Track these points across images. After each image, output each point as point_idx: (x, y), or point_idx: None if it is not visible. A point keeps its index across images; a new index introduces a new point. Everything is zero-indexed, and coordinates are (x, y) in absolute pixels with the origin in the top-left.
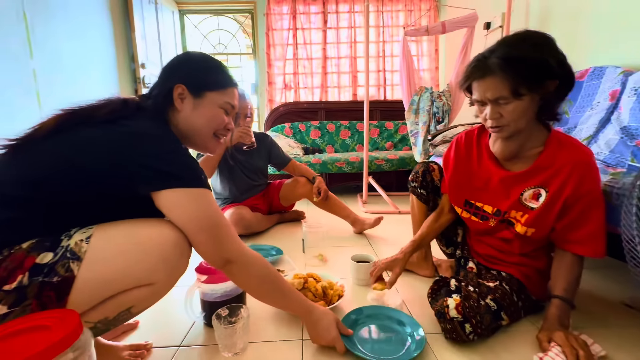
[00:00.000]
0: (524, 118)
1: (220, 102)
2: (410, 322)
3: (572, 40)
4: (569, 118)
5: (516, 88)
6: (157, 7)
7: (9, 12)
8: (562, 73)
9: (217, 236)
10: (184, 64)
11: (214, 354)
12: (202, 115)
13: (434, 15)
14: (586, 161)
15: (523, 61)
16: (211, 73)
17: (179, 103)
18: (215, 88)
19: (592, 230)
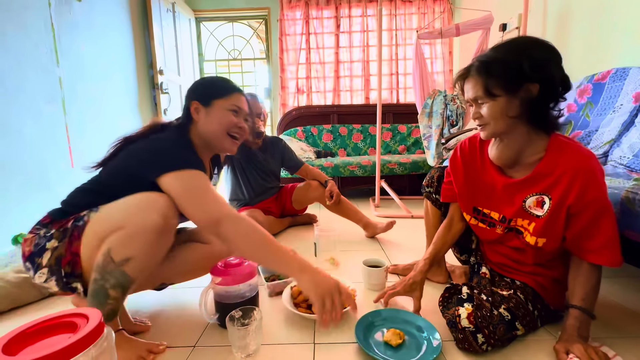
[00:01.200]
0: (501, 119)
1: (226, 106)
2: (427, 327)
3: (593, 40)
4: (590, 121)
5: (489, 88)
6: (174, 15)
7: (38, 24)
8: (539, 77)
9: (202, 199)
10: (196, 85)
11: (228, 355)
12: (214, 119)
13: (448, 18)
14: (588, 167)
15: (496, 63)
16: (215, 85)
17: (196, 115)
18: (220, 96)
19: (605, 239)
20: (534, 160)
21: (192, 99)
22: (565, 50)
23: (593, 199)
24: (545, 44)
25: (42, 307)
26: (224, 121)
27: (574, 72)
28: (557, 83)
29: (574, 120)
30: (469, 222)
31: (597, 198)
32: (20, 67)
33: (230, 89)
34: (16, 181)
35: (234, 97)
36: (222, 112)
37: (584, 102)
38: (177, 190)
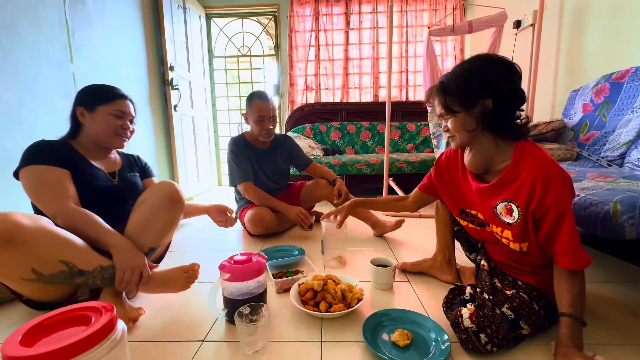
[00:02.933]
0: (464, 131)
1: (109, 111)
2: (435, 328)
3: (611, 38)
4: (607, 122)
5: (448, 106)
6: (185, 11)
7: (52, 20)
8: (489, 93)
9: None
10: (82, 93)
11: (236, 350)
12: (98, 123)
13: (460, 15)
14: (545, 172)
15: (451, 83)
16: (100, 92)
17: (82, 119)
18: (104, 102)
19: (566, 243)
20: (502, 167)
21: (78, 104)
22: (581, 47)
23: (551, 203)
24: (497, 62)
25: None
26: (109, 125)
27: (590, 71)
28: (507, 97)
29: (590, 120)
30: (462, 224)
31: (555, 202)
32: (35, 62)
33: (114, 96)
34: None
35: (117, 103)
36: (106, 117)
37: (600, 101)
38: (24, 185)
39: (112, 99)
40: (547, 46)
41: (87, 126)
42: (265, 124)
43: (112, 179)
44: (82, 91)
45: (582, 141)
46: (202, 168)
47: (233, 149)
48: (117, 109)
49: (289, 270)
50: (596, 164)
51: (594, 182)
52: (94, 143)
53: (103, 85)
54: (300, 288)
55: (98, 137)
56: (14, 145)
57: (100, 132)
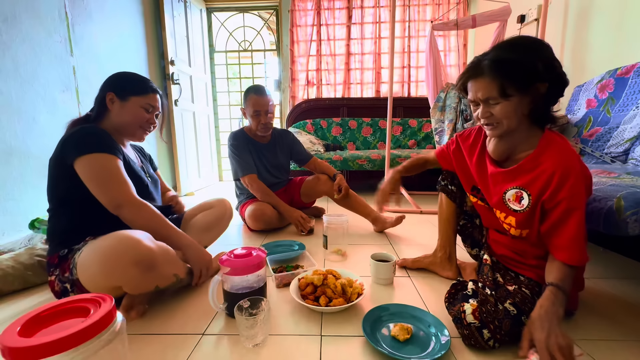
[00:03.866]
0: (513, 117)
1: (141, 103)
2: (435, 323)
3: (616, 33)
4: (611, 117)
5: (504, 89)
6: (186, 5)
7: (52, 13)
8: (550, 76)
9: (107, 182)
10: (115, 78)
11: (235, 343)
12: (128, 113)
13: (464, 9)
14: (567, 166)
15: (511, 64)
16: (135, 82)
17: (110, 105)
18: (138, 93)
19: (569, 238)
20: (523, 156)
21: (109, 90)
22: (586, 43)
23: (565, 197)
24: (547, 44)
25: None
26: (138, 118)
27: (594, 66)
28: (562, 82)
29: (594, 116)
30: (472, 201)
31: (569, 196)
32: (36, 55)
33: (148, 89)
34: (31, 167)
35: (150, 97)
36: (137, 109)
37: (605, 97)
38: (85, 173)
39: (146, 92)
40: (551, 41)
41: (115, 114)
42: (262, 119)
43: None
44: (116, 78)
45: (586, 137)
46: (202, 163)
47: (234, 143)
48: (148, 103)
49: (289, 264)
50: (600, 160)
51: (598, 177)
52: (117, 131)
53: (138, 76)
54: (300, 282)
55: (123, 127)
56: (14, 138)
57: (128, 122)
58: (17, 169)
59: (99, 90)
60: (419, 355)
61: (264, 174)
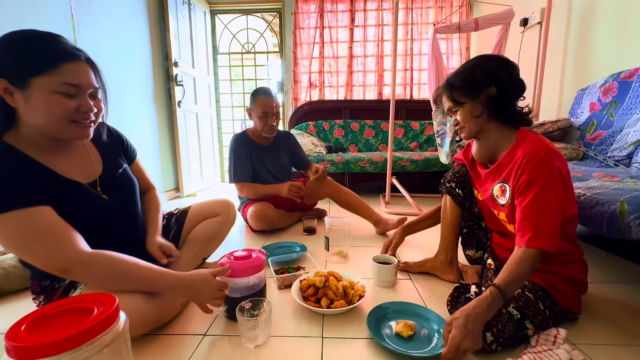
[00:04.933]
0: (472, 119)
1: (53, 86)
2: (437, 320)
3: (620, 36)
4: (614, 121)
5: (455, 98)
6: (190, 7)
7: (57, 14)
8: (491, 81)
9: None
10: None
11: (237, 344)
12: (38, 108)
13: (466, 12)
14: (534, 153)
15: (455, 78)
16: (30, 54)
17: (11, 100)
18: (40, 72)
19: (522, 218)
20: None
21: None
22: (589, 46)
23: (524, 180)
24: (496, 57)
25: None
26: (57, 110)
27: (598, 69)
28: (509, 84)
29: (597, 119)
30: (477, 198)
31: (529, 179)
32: None
33: (57, 57)
34: None
35: (63, 71)
36: (48, 95)
37: (608, 100)
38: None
39: (54, 63)
40: (555, 44)
41: (23, 112)
42: (269, 120)
43: (95, 191)
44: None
45: (589, 140)
46: (205, 164)
47: (234, 147)
48: (64, 82)
49: (291, 266)
50: (603, 163)
51: (601, 181)
52: (43, 137)
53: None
54: (302, 284)
55: (44, 129)
56: None
57: (44, 121)
58: None
59: None
60: (423, 350)
61: (266, 175)
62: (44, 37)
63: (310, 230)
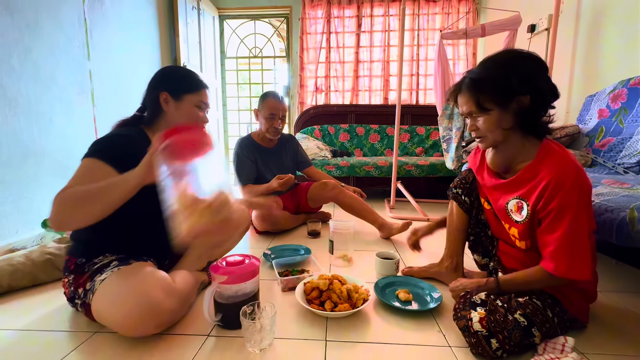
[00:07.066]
0: (496, 130)
1: (195, 101)
2: (428, 287)
3: (629, 43)
4: (624, 128)
5: (481, 103)
6: (199, 12)
7: (72, 18)
8: (528, 89)
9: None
10: (165, 76)
11: (240, 345)
12: (184, 113)
13: (473, 18)
14: (563, 176)
15: (484, 80)
16: (187, 79)
17: (165, 106)
18: (191, 91)
19: (555, 247)
20: (522, 166)
21: (162, 90)
22: (598, 52)
23: (555, 206)
24: (530, 57)
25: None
26: (193, 117)
27: (607, 76)
28: (546, 93)
29: (606, 126)
30: (485, 208)
31: (559, 207)
32: (55, 59)
33: (200, 85)
34: (46, 167)
35: (202, 93)
36: (191, 108)
37: (617, 107)
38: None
39: (198, 88)
40: (562, 51)
41: (170, 115)
42: (275, 122)
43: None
44: (168, 76)
45: (598, 147)
46: None
47: (238, 151)
48: (201, 100)
49: (295, 269)
50: (612, 170)
51: (610, 188)
52: None
53: (188, 71)
54: (306, 287)
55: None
56: (31, 139)
57: (184, 122)
58: (33, 169)
59: (150, 90)
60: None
61: (270, 177)
62: (191, 71)
63: (314, 233)
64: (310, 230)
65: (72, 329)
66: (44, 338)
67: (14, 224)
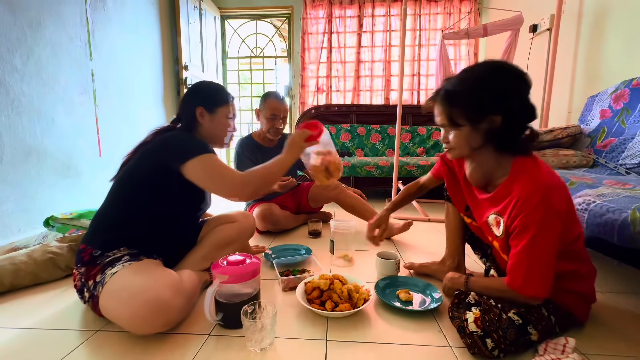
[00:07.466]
0: (466, 146)
1: (227, 113)
2: (429, 287)
3: (631, 43)
4: (626, 128)
5: (453, 118)
6: (201, 12)
7: (74, 18)
8: (500, 108)
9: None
10: (199, 92)
11: (241, 344)
12: (218, 125)
13: (475, 18)
14: (530, 196)
15: (459, 94)
16: (219, 94)
17: (201, 119)
18: (222, 104)
19: (513, 262)
20: (500, 182)
21: (198, 104)
22: (600, 52)
23: (518, 224)
24: (509, 71)
25: (62, 285)
26: (227, 127)
27: (609, 76)
28: (519, 114)
29: (608, 126)
30: (466, 222)
31: (523, 224)
32: (57, 58)
33: (230, 98)
34: (48, 167)
35: (231, 106)
36: (224, 119)
37: (619, 107)
38: (199, 173)
39: (228, 101)
40: (564, 51)
41: (206, 127)
42: (276, 123)
43: None
44: (202, 92)
45: (599, 148)
46: None
47: (239, 151)
48: (232, 112)
49: (296, 269)
50: (614, 171)
51: (611, 189)
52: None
53: (219, 86)
54: (307, 286)
55: (214, 138)
56: (33, 138)
57: (218, 134)
58: (35, 168)
59: (186, 105)
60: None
61: None
62: (221, 85)
63: (315, 233)
64: (311, 230)
65: (74, 327)
66: (46, 337)
67: (16, 222)
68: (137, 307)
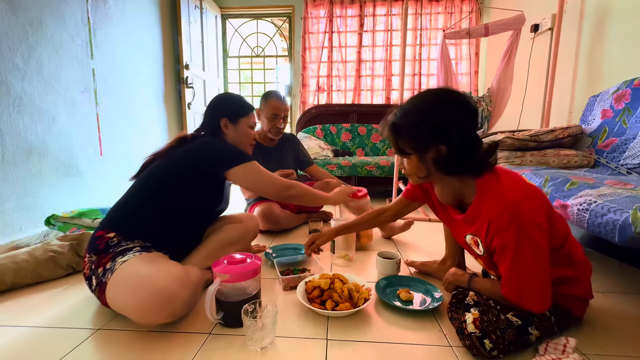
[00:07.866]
0: (419, 173)
1: (249, 123)
2: (430, 287)
3: (633, 43)
4: (627, 128)
5: (400, 148)
6: (202, 12)
7: (75, 17)
8: (441, 140)
9: (268, 180)
10: (223, 104)
11: (242, 344)
12: (241, 134)
13: (476, 18)
14: (498, 218)
15: (403, 126)
16: (241, 105)
17: (225, 130)
18: (245, 115)
19: (504, 278)
20: (469, 202)
21: (222, 116)
22: (602, 52)
23: (497, 245)
24: (452, 103)
25: (63, 284)
26: (249, 136)
27: (610, 76)
28: (460, 144)
29: (609, 126)
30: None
31: (502, 245)
32: (58, 57)
33: (251, 109)
34: (49, 165)
35: (252, 116)
36: (246, 129)
37: (621, 107)
38: (246, 178)
39: (250, 111)
40: (566, 50)
41: (230, 137)
42: (277, 122)
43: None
44: (226, 104)
45: (601, 148)
46: None
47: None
48: (252, 121)
49: (296, 268)
50: (615, 171)
51: (613, 189)
52: None
53: (240, 97)
54: (307, 286)
55: (238, 146)
56: (35, 136)
57: (242, 142)
58: (36, 167)
59: (211, 117)
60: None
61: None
62: (241, 96)
63: (316, 232)
64: (312, 230)
65: (75, 325)
66: (47, 335)
67: (18, 221)
68: (144, 296)
